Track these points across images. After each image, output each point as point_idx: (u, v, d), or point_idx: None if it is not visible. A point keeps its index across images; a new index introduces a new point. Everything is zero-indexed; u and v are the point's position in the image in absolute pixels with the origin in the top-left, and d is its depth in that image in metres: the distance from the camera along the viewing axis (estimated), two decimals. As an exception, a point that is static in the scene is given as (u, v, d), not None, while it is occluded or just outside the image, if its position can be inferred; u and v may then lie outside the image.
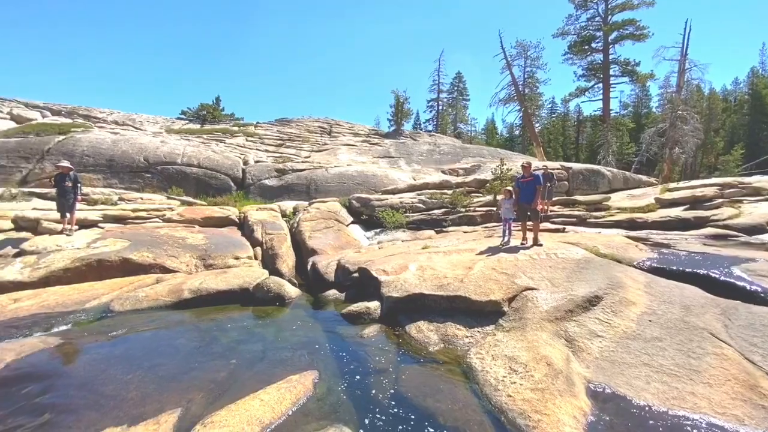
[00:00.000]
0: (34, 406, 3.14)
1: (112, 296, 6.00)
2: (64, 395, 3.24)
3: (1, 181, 13.84)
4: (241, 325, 5.27)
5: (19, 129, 19.09)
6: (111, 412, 2.96)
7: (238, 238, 9.54)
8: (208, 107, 29.80)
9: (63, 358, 3.99)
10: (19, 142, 15.38)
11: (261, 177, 16.59)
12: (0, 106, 25.17)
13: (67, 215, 8.25)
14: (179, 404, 3.05)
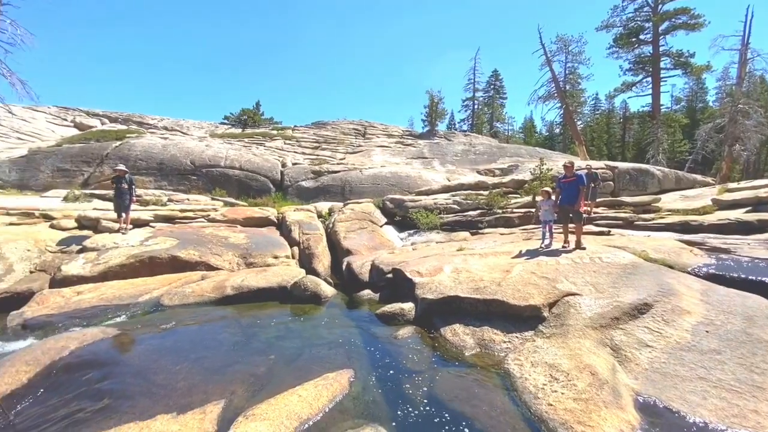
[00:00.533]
0: (95, 391, 3.41)
1: (162, 291, 6.39)
2: (120, 382, 3.50)
3: (66, 183, 15.17)
4: (280, 321, 5.44)
5: (81, 136, 20.85)
6: (162, 400, 3.16)
7: (276, 238, 9.86)
8: (248, 112, 31.07)
9: (120, 347, 4.30)
10: (82, 147, 16.78)
11: (298, 179, 17.06)
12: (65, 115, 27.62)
13: (123, 215, 8.91)
14: (223, 396, 3.20)
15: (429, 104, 32.49)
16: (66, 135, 22.62)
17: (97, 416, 2.98)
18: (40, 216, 9.95)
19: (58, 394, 3.38)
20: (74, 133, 23.46)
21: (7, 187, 14.60)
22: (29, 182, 15.00)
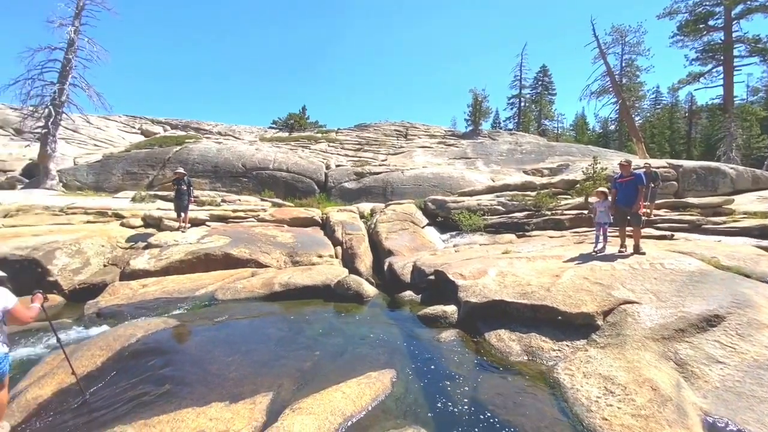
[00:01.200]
0: (158, 376, 3.70)
1: (216, 286, 6.80)
2: (180, 369, 3.77)
3: (133, 185, 16.60)
4: (324, 319, 5.59)
5: (146, 142, 22.76)
6: (216, 388, 3.36)
7: (321, 238, 10.13)
8: (295, 116, 32.24)
9: (179, 337, 4.64)
10: (147, 152, 18.30)
11: (341, 180, 17.41)
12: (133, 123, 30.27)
13: (182, 214, 9.60)
14: (271, 388, 3.34)
15: (472, 103, 31.83)
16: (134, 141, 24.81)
17: (159, 400, 3.23)
18: (112, 215, 10.99)
19: (126, 377, 3.71)
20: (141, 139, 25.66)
21: (85, 188, 16.26)
22: (103, 184, 16.60)
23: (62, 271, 7.21)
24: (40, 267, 7.00)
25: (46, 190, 15.00)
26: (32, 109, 16.39)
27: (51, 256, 7.22)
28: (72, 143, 22.01)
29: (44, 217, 10.71)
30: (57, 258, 7.30)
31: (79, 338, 4.91)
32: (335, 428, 2.83)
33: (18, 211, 11.13)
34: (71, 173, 16.78)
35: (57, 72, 16.47)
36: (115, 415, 3.03)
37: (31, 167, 17.30)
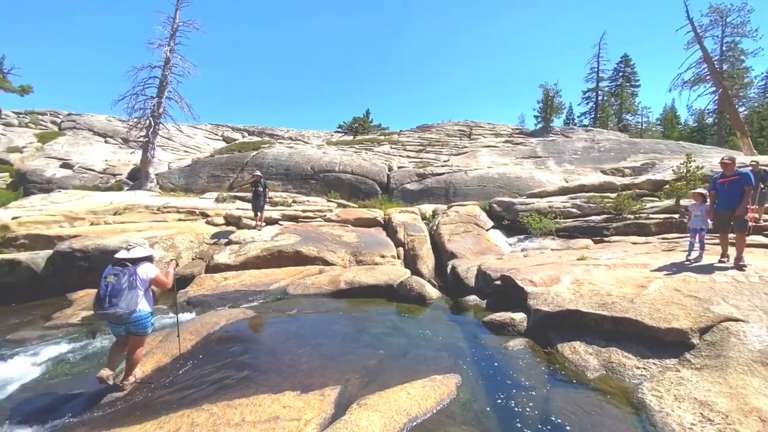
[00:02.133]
0: (238, 362, 4.04)
1: (288, 282, 7.25)
2: (257, 357, 4.08)
3: (217, 186, 18.32)
4: (387, 318, 5.67)
5: (227, 148, 24.99)
6: (288, 378, 3.58)
7: (383, 238, 10.30)
8: (359, 120, 33.17)
9: (255, 327, 5.03)
10: (228, 157, 20.08)
11: (403, 181, 17.53)
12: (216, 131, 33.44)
13: (258, 214, 10.40)
14: (339, 382, 3.48)
15: (543, 99, 30.08)
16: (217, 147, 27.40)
17: (239, 384, 3.52)
18: (199, 214, 12.25)
19: (211, 360, 4.11)
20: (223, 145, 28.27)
21: (177, 190, 18.32)
22: (192, 186, 18.56)
23: (158, 263, 8.19)
24: (143, 258, 8.04)
25: (147, 191, 17.17)
26: (136, 120, 18.89)
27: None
28: (167, 150, 24.96)
29: (145, 214, 12.28)
30: (155, 251, 8.32)
31: (173, 323, 5.55)
32: (400, 428, 2.85)
33: (125, 209, 12.89)
34: (166, 176, 19.01)
35: (156, 87, 18.80)
36: (203, 394, 3.37)
37: (134, 171, 19.95)
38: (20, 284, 7.38)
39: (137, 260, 3.71)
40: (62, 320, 6.01)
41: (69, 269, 7.54)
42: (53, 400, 3.73)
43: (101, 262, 7.69)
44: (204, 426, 2.76)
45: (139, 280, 3.58)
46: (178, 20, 18.89)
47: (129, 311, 3.47)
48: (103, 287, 3.48)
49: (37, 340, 5.29)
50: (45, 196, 15.24)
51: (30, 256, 7.56)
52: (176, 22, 18.88)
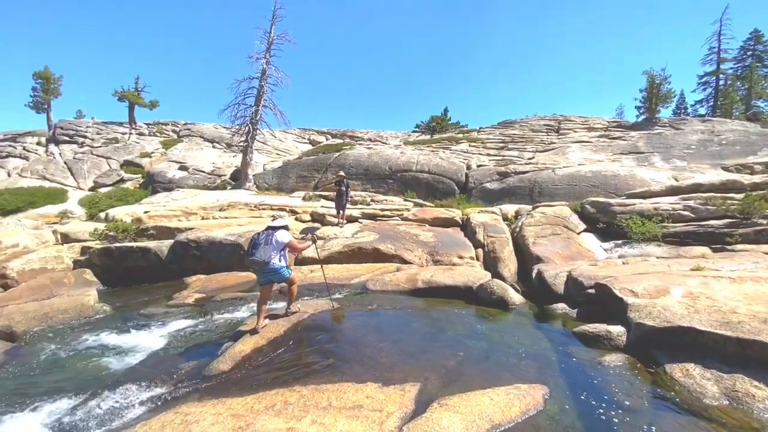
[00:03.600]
0: (324, 350, 4.30)
1: (367, 277, 7.50)
2: (340, 347, 4.29)
3: (304, 186, 19.71)
4: (466, 321, 5.53)
5: (313, 150, 26.71)
6: (370, 370, 3.70)
7: (461, 239, 10.08)
8: (437, 119, 32.89)
9: (339, 318, 5.29)
10: (314, 159, 21.46)
11: (482, 180, 16.93)
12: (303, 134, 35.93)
13: (340, 212, 10.94)
14: (418, 379, 3.49)
15: (647, 86, 26.57)
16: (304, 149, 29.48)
17: (326, 370, 3.75)
18: (289, 211, 13.31)
19: (301, 346, 4.44)
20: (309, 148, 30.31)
21: (270, 189, 20.12)
22: (282, 186, 20.24)
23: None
24: (242, 250, 8.96)
25: (245, 191, 19.17)
26: (238, 127, 21.20)
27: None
28: (262, 153, 27.55)
29: (245, 211, 13.72)
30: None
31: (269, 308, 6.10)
32: (482, 433, 2.77)
33: (228, 206, 14.55)
34: (261, 177, 20.99)
35: (254, 97, 20.89)
36: (294, 377, 3.65)
37: (235, 172, 22.41)
38: (149, 267, 8.79)
39: (277, 228, 5.07)
40: (180, 300, 7.01)
41: (185, 257, 8.76)
42: (173, 367, 4.38)
43: (210, 252, 8.82)
44: (295, 405, 2.99)
45: (275, 240, 4.86)
46: (273, 34, 20.73)
47: (263, 261, 4.74)
48: (252, 241, 4.92)
49: (161, 316, 6.25)
50: (167, 194, 17.93)
51: (157, 244, 8.96)
52: (271, 36, 20.73)
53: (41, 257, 9.13)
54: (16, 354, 4.81)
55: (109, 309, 6.51)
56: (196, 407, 3.17)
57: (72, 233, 11.13)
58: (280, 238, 4.94)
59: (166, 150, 27.45)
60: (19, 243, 10.01)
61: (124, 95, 31.74)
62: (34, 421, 3.37)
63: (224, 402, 3.22)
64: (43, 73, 29.82)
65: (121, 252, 8.78)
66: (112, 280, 8.58)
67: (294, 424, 2.70)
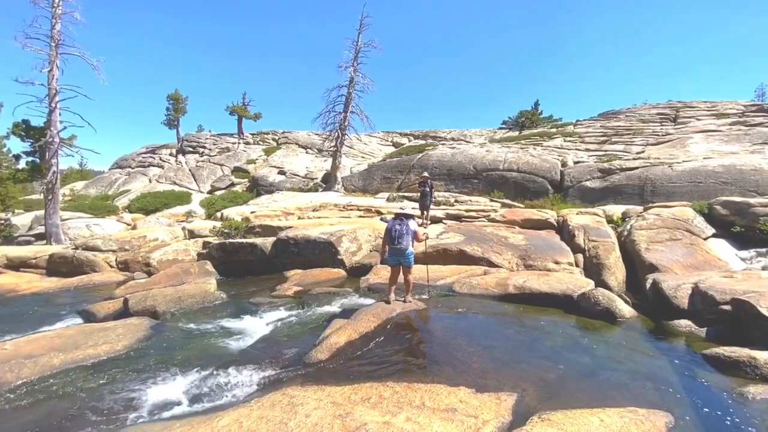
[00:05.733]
0: (414, 349, 4.35)
1: (453, 279, 7.37)
2: (430, 348, 4.30)
3: (387, 187, 20.19)
4: (565, 331, 5.10)
5: (396, 152, 27.19)
6: (462, 374, 3.63)
7: (557, 242, 9.32)
8: (526, 113, 30.96)
9: (426, 319, 5.30)
10: (397, 161, 21.86)
11: (581, 178, 15.43)
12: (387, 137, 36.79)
13: (425, 212, 10.95)
14: (514, 389, 3.32)
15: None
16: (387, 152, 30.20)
17: (416, 370, 3.78)
18: (374, 211, 13.76)
19: (390, 343, 4.54)
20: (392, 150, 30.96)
21: (356, 190, 21.04)
22: (367, 187, 21.01)
23: (346, 253, 9.56)
24: (334, 248, 9.51)
25: (335, 192, 20.35)
26: (328, 134, 22.60)
27: (339, 241, 9.70)
28: (348, 156, 28.96)
29: (334, 211, 14.56)
30: (343, 243, 9.74)
31: (358, 304, 6.41)
32: (591, 457, 2.52)
33: (320, 206, 15.60)
34: (348, 179, 22.07)
35: (343, 104, 22.07)
36: (386, 372, 3.76)
37: (326, 175, 23.92)
38: (256, 261, 9.84)
39: (408, 216, 5.72)
40: (282, 292, 7.71)
41: (285, 253, 9.62)
42: (278, 352, 4.83)
43: (306, 249, 9.54)
44: (390, 401, 3.07)
45: (409, 229, 5.53)
46: (360, 43, 21.66)
47: (405, 248, 5.49)
48: (394, 231, 5.52)
49: (266, 306, 6.95)
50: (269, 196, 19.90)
51: (262, 241, 9.99)
52: (359, 45, 21.69)
53: (174, 249, 10.87)
54: (159, 330, 5.78)
55: (225, 296, 7.45)
56: (300, 391, 3.45)
57: (196, 230, 13.03)
58: (412, 227, 5.62)
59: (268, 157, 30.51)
60: (158, 237, 12.06)
61: (234, 110, 36.13)
62: (175, 388, 4.01)
63: (324, 389, 3.45)
64: (174, 95, 35.44)
65: (233, 247, 10.00)
66: (226, 271, 9.81)
67: (389, 419, 2.77)
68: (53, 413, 3.67)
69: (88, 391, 4.12)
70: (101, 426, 3.42)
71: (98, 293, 8.63)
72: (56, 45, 14.22)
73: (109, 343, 5.12)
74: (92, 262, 10.25)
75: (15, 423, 3.54)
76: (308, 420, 2.81)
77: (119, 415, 3.60)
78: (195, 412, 3.57)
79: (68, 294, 8.78)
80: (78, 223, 15.63)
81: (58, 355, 4.73)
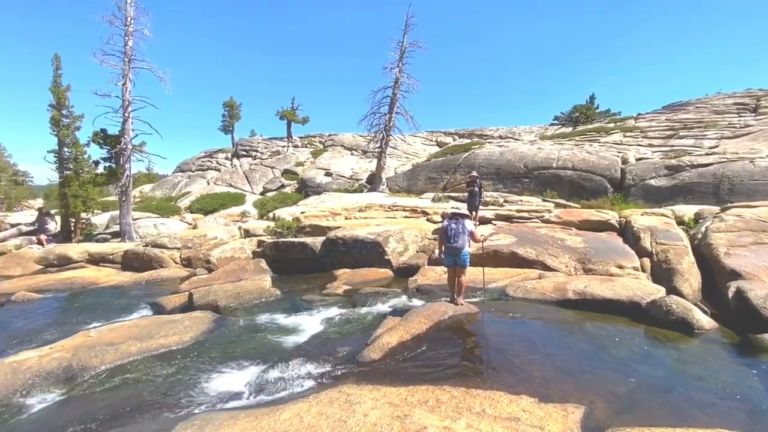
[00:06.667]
0: (468, 354, 4.25)
1: (506, 282, 7.11)
2: (486, 353, 4.17)
3: (432, 187, 19.97)
4: (633, 342, 4.72)
5: (441, 152, 26.85)
6: (522, 382, 3.47)
7: (619, 245, 8.68)
8: (581, 108, 29.25)
9: (479, 322, 5.15)
10: (443, 160, 21.55)
11: (644, 176, 14.27)
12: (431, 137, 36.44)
13: (473, 213, 10.68)
14: (581, 402, 3.11)
15: None
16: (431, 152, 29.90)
17: (473, 375, 3.68)
18: (420, 212, 13.67)
19: (443, 346, 4.46)
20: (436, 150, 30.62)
21: (401, 191, 21.03)
22: (412, 188, 20.92)
23: (392, 253, 9.57)
24: (381, 248, 9.55)
25: (379, 193, 20.49)
26: (373, 135, 22.81)
27: (386, 241, 9.72)
28: (392, 157, 29.04)
29: (380, 212, 14.65)
30: (390, 243, 9.75)
31: (407, 305, 6.38)
32: (675, 481, 2.29)
33: (366, 207, 15.76)
34: (393, 180, 22.12)
35: (387, 105, 22.16)
36: (441, 376, 3.69)
37: (370, 176, 24.15)
38: (306, 260, 10.14)
39: (464, 216, 5.72)
40: (332, 290, 7.88)
41: (334, 252, 9.82)
42: (332, 350, 4.92)
43: (354, 248, 9.68)
44: (448, 405, 3.01)
45: (465, 229, 5.44)
46: (406, 43, 21.61)
47: (461, 247, 5.40)
48: (450, 230, 5.46)
49: (318, 303, 7.13)
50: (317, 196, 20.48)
51: (312, 240, 10.28)
52: (404, 45, 21.66)
53: (231, 248, 11.51)
54: (221, 323, 6.14)
55: (279, 293, 7.75)
56: (356, 389, 3.48)
57: (251, 229, 13.72)
58: (468, 226, 5.54)
59: (315, 159, 31.44)
60: (217, 236, 12.84)
61: (283, 114, 37.66)
62: (237, 379, 4.23)
63: (379, 389, 3.45)
64: (229, 102, 37.63)
65: (285, 246, 10.39)
66: (279, 269, 10.20)
67: (449, 424, 2.71)
68: (131, 397, 4.01)
69: (161, 378, 4.46)
70: (174, 411, 3.68)
71: (165, 287, 9.34)
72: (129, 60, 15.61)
73: (178, 335, 5.51)
74: (160, 259, 11.13)
75: (100, 404, 3.91)
76: (367, 419, 2.82)
77: (189, 403, 3.85)
78: (257, 403, 3.74)
79: (140, 287, 9.60)
80: (147, 222, 17.07)
81: (135, 344, 5.17)
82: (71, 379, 4.49)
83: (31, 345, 5.54)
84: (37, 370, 4.46)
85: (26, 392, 4.19)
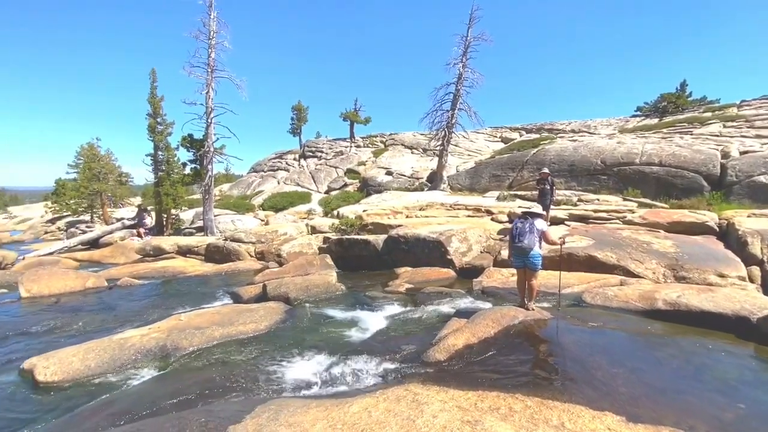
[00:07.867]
0: (542, 362, 4.00)
1: (582, 288, 6.60)
2: (562, 363, 3.88)
3: (497, 186, 19.20)
4: (740, 362, 4.10)
5: (506, 148, 25.69)
6: (605, 397, 3.17)
7: (719, 250, 7.60)
8: (669, 96, 26.11)
9: (554, 330, 4.82)
10: (508, 157, 20.60)
11: (752, 172, 12.33)
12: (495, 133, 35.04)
13: (544, 213, 10.05)
14: (679, 426, 2.76)
15: None
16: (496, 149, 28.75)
17: (548, 385, 3.45)
18: (484, 211, 13.22)
19: (514, 352, 4.25)
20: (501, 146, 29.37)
21: (463, 189, 20.52)
22: (475, 186, 20.30)
23: (455, 253, 9.39)
24: (443, 247, 9.41)
25: (440, 191, 20.20)
26: (435, 133, 22.53)
27: (449, 241, 9.56)
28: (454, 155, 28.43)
29: (441, 210, 14.44)
30: (452, 242, 9.58)
31: (472, 306, 6.20)
32: None
33: (426, 206, 15.64)
34: (454, 178, 21.67)
35: (450, 102, 21.73)
36: (513, 383, 3.51)
37: (431, 175, 23.90)
38: (368, 257, 10.35)
39: (535, 215, 5.30)
40: (394, 288, 7.94)
41: (395, 250, 9.90)
42: (396, 347, 4.95)
43: (416, 247, 9.66)
44: (522, 415, 2.85)
45: (535, 229, 5.10)
46: (470, 37, 21.00)
47: (529, 247, 5.06)
48: (516, 230, 5.23)
49: (381, 300, 7.23)
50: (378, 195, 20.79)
51: (375, 238, 10.47)
52: (468, 40, 21.06)
53: (299, 243, 12.14)
54: (292, 314, 6.51)
55: (344, 288, 8.00)
56: (422, 389, 3.45)
57: (317, 226, 14.37)
58: (539, 226, 5.17)
59: (376, 158, 31.94)
60: (286, 232, 13.63)
61: (346, 116, 38.79)
62: (308, 368, 4.45)
63: (447, 391, 3.39)
64: (297, 105, 39.71)
65: (349, 242, 10.70)
66: (342, 264, 10.54)
67: (524, 435, 2.57)
68: (215, 378, 4.40)
69: (240, 362, 4.84)
70: (253, 394, 3.97)
71: (242, 278, 10.15)
72: (211, 70, 17.20)
73: (255, 323, 5.94)
74: (237, 252, 12.11)
75: (189, 382, 4.34)
76: (435, 421, 2.78)
77: (265, 387, 4.13)
78: (326, 394, 3.89)
79: (220, 277, 10.54)
80: (225, 218, 18.68)
81: (218, 329, 5.68)
82: (165, 357, 5.06)
83: (134, 324, 6.35)
84: (139, 347, 5.09)
85: (129, 366, 4.81)
